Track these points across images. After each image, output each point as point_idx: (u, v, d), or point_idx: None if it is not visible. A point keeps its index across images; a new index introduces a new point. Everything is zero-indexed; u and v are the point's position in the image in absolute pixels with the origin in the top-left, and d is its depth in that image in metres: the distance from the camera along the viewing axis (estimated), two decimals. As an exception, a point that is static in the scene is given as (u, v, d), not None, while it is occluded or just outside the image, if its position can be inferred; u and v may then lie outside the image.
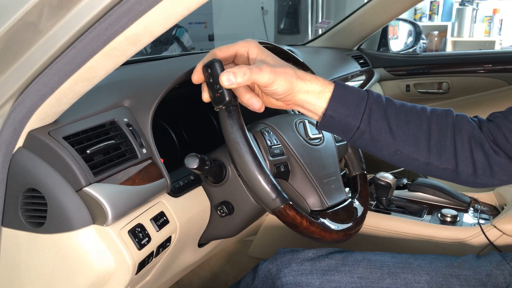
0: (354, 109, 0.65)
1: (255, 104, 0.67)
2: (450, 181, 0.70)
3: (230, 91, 0.66)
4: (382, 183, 1.20)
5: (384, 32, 2.17)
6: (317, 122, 0.69)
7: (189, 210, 0.80)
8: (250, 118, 0.92)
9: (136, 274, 0.69)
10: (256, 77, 0.62)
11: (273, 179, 0.71)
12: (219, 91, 0.66)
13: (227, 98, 0.66)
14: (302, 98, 0.66)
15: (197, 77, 0.68)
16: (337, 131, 0.68)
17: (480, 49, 3.19)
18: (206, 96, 0.68)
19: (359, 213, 0.90)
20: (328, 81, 0.67)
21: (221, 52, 0.68)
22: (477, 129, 0.68)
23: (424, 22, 4.80)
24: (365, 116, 0.65)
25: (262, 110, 0.68)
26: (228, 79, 0.62)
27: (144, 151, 0.73)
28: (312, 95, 0.66)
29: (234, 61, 0.69)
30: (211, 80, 0.66)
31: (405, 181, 1.38)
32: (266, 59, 0.66)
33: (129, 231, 0.67)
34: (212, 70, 0.65)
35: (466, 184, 0.69)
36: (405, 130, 0.66)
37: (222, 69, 0.65)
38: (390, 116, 0.66)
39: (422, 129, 0.66)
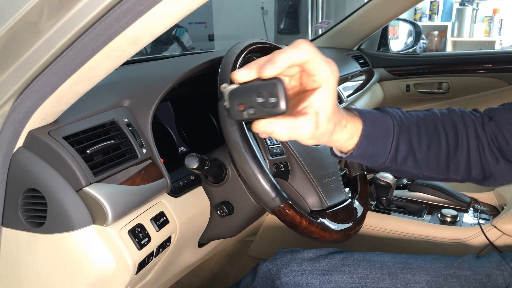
0: (382, 144, 0.62)
1: (262, 135, 0.52)
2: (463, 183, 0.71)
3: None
4: (382, 183, 1.20)
5: (384, 32, 2.17)
6: (331, 148, 0.65)
7: (189, 210, 0.80)
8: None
9: (136, 274, 0.69)
10: (294, 136, 0.51)
11: (272, 179, 0.71)
12: (246, 110, 0.49)
13: (235, 118, 0.50)
14: (326, 143, 0.59)
15: (246, 75, 0.49)
16: (361, 162, 0.64)
17: (480, 49, 3.19)
18: (243, 78, 0.49)
19: (359, 213, 0.90)
20: (353, 120, 0.59)
21: (307, 67, 0.50)
22: (481, 132, 0.67)
23: (424, 22, 4.80)
24: (392, 152, 0.62)
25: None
26: (265, 129, 0.49)
27: (144, 151, 0.73)
28: (339, 142, 0.59)
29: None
30: (257, 99, 0.48)
31: (405, 181, 1.38)
32: (324, 110, 0.52)
33: (129, 231, 0.67)
34: (271, 105, 0.47)
35: (477, 184, 0.70)
36: (426, 155, 0.65)
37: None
38: (415, 146, 0.64)
39: (442, 148, 0.65)
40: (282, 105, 0.47)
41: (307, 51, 0.48)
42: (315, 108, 0.51)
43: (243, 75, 0.48)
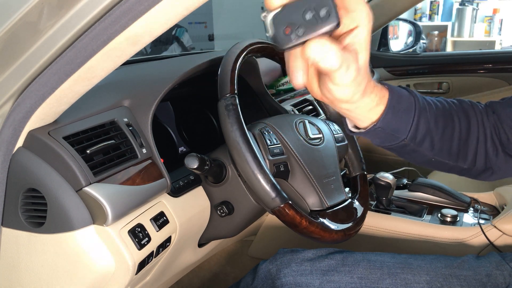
0: (405, 118, 0.59)
1: (298, 78, 0.47)
2: (461, 176, 0.70)
3: (297, 47, 0.44)
4: (382, 183, 1.20)
5: (384, 32, 2.17)
6: (345, 123, 0.62)
7: (189, 210, 0.80)
8: (250, 118, 0.92)
9: (136, 274, 0.69)
10: (337, 75, 0.47)
11: (272, 179, 0.71)
12: (293, 32, 0.42)
13: (283, 46, 0.43)
14: (349, 108, 0.55)
15: None
16: (377, 140, 0.61)
17: (480, 49, 3.19)
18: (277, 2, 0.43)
19: (359, 213, 0.90)
20: (380, 87, 0.57)
21: None
22: (487, 122, 0.67)
23: (424, 22, 4.80)
24: (413, 128, 0.60)
25: (300, 87, 0.50)
26: (314, 51, 0.43)
27: (144, 151, 0.73)
28: (363, 109, 0.56)
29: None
30: (305, 15, 0.41)
31: (405, 181, 1.38)
32: (362, 53, 0.50)
33: (129, 231, 0.67)
34: (323, 19, 0.41)
35: (473, 178, 0.70)
36: (441, 138, 0.64)
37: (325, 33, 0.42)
38: (432, 127, 0.62)
39: (455, 134, 0.65)
40: (335, 15, 0.41)
41: None
42: (355, 48, 0.47)
43: None
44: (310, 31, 0.42)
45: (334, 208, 0.86)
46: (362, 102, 0.54)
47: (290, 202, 0.73)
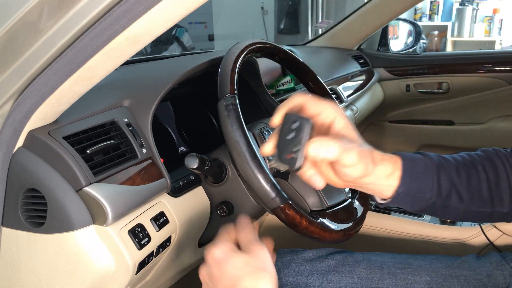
0: (424, 179, 0.62)
1: (318, 182, 0.59)
2: (508, 222, 0.69)
3: (304, 160, 0.54)
4: (382, 183, 1.20)
5: (384, 32, 2.17)
6: (374, 199, 0.66)
7: (189, 210, 0.80)
8: (250, 118, 0.92)
9: (136, 274, 0.69)
10: (343, 157, 0.53)
11: (272, 178, 0.71)
12: (293, 154, 0.54)
13: (296, 166, 0.54)
14: (370, 181, 0.60)
15: (277, 121, 0.57)
16: (407, 204, 0.64)
17: (480, 49, 3.19)
18: (269, 148, 0.56)
19: (359, 213, 0.90)
20: (390, 155, 0.62)
21: (309, 106, 0.58)
22: None
23: (424, 22, 4.80)
24: (435, 185, 0.62)
25: (322, 187, 0.61)
26: (316, 150, 0.52)
27: (144, 151, 0.73)
28: (381, 178, 0.60)
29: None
30: (289, 138, 0.54)
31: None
32: (350, 135, 0.59)
33: (129, 231, 0.67)
34: (300, 130, 0.54)
35: None
36: (468, 188, 0.64)
37: (311, 135, 0.54)
38: (456, 180, 0.64)
39: (482, 180, 0.65)
40: (303, 118, 0.54)
41: (300, 99, 0.58)
42: (342, 134, 0.57)
43: (274, 120, 0.58)
44: (300, 141, 0.53)
45: (334, 208, 0.86)
46: (377, 171, 0.59)
47: (290, 202, 0.73)
